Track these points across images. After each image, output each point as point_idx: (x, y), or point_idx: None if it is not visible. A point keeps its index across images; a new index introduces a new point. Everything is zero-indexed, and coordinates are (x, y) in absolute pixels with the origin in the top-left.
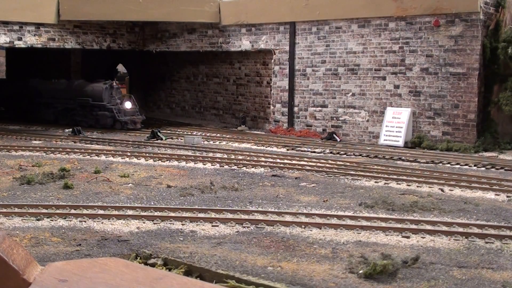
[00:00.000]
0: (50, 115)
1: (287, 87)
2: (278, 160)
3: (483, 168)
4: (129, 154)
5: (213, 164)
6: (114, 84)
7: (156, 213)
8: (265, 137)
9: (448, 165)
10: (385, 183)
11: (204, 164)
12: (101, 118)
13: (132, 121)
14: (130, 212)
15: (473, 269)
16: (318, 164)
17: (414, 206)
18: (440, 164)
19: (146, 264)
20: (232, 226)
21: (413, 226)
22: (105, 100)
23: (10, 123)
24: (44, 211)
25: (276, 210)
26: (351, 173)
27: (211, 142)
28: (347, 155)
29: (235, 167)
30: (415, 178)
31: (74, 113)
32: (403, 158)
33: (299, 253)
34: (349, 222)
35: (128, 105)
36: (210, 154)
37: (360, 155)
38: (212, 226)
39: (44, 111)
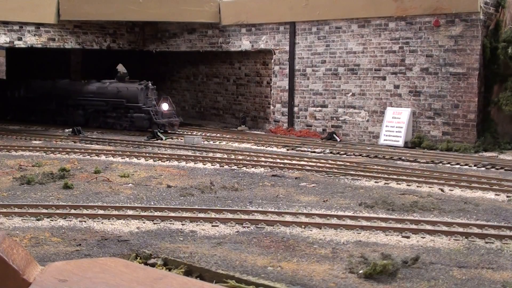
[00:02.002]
0: (80, 117)
1: (287, 87)
2: (278, 160)
3: (483, 168)
4: (129, 154)
5: (213, 164)
6: (150, 84)
7: (156, 213)
8: (265, 137)
9: (448, 165)
10: (385, 183)
11: (204, 164)
12: (136, 121)
13: (170, 124)
14: (130, 212)
15: (473, 269)
16: (318, 164)
17: (414, 206)
18: (440, 164)
19: (146, 264)
20: (232, 226)
21: (413, 226)
22: (141, 101)
23: (10, 123)
24: (44, 211)
25: (276, 210)
26: (351, 173)
27: (211, 142)
28: (347, 155)
29: (235, 167)
30: (415, 178)
31: (106, 115)
32: (403, 158)
33: (299, 253)
34: (349, 222)
35: (165, 106)
36: (210, 154)
37: (360, 155)
38: (212, 226)
39: (73, 113)
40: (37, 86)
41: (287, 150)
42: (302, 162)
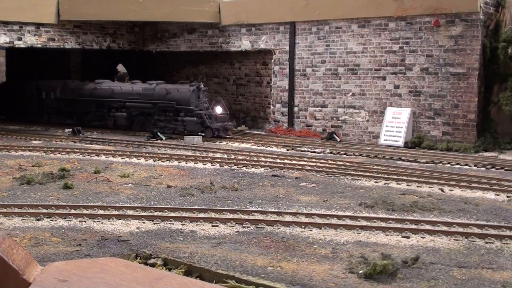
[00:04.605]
0: (123, 121)
1: (287, 87)
2: (278, 160)
3: (483, 168)
4: (129, 154)
5: (213, 164)
6: (202, 86)
7: (156, 213)
8: (265, 137)
9: (448, 165)
10: (385, 183)
11: (204, 164)
12: (188, 124)
13: (224, 128)
14: (130, 212)
15: (473, 269)
16: (318, 164)
17: (414, 206)
18: (440, 164)
19: (146, 264)
20: (232, 226)
21: (413, 226)
22: (192, 104)
23: (10, 123)
24: (44, 211)
25: (276, 210)
26: (351, 173)
27: (211, 142)
28: (347, 155)
29: (235, 167)
30: (415, 178)
31: (152, 119)
32: (403, 158)
33: (299, 253)
34: (349, 222)
35: (218, 110)
36: (210, 154)
37: (360, 155)
38: (212, 226)
39: (116, 116)
40: (74, 87)
41: (287, 150)
42: (302, 162)
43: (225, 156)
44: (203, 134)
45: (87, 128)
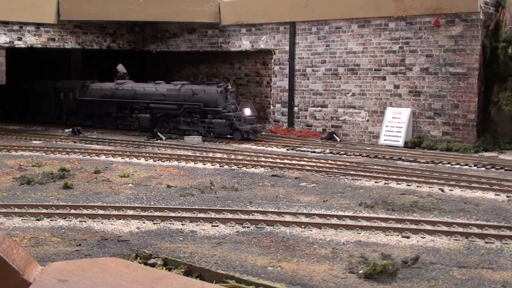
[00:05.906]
0: (146, 122)
1: (287, 87)
2: (278, 160)
3: (483, 168)
4: (129, 154)
5: (213, 164)
6: (229, 86)
7: (156, 213)
8: (265, 137)
9: (448, 165)
10: (385, 183)
11: (204, 164)
12: (216, 127)
13: (254, 131)
14: (130, 212)
15: (473, 269)
16: (318, 164)
17: (414, 206)
18: (440, 164)
19: (146, 264)
20: (232, 226)
21: (413, 226)
22: (220, 105)
23: (10, 123)
24: (44, 211)
25: (276, 210)
26: (351, 173)
27: (211, 142)
28: (347, 155)
29: (235, 167)
30: (415, 178)
31: (177, 120)
32: (403, 158)
33: (299, 253)
34: (349, 222)
35: (247, 111)
36: (210, 154)
37: (360, 155)
38: (212, 226)
39: (139, 118)
40: (95, 88)
41: (287, 150)
42: (302, 162)
43: (225, 156)
44: (232, 136)
45: (108, 130)
